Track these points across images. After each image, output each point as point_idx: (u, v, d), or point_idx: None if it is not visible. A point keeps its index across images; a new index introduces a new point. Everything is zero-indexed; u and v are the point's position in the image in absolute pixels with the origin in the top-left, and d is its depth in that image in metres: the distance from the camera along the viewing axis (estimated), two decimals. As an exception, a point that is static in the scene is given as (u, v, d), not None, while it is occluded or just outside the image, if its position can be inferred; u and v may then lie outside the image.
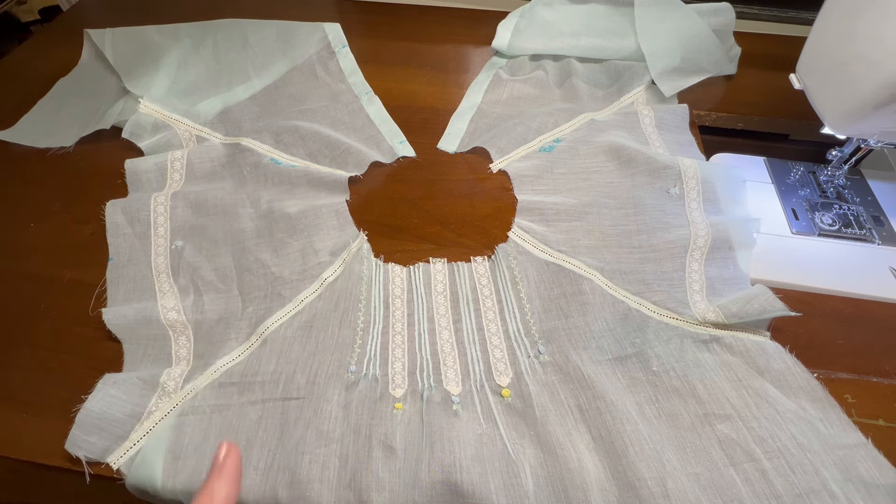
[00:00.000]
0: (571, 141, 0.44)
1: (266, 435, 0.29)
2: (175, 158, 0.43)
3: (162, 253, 0.37)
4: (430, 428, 0.29)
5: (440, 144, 0.46)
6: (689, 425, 0.28)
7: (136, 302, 0.35)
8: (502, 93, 0.51)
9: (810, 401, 0.28)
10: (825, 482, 0.26)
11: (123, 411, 0.29)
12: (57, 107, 0.49)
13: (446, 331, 0.33)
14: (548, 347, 0.32)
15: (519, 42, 0.53)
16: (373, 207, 0.41)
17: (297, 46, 0.54)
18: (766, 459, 0.27)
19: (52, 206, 0.42)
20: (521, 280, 0.35)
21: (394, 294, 0.35)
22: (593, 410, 0.29)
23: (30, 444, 0.29)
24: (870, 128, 0.35)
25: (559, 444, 0.28)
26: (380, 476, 0.27)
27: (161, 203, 0.39)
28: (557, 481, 0.27)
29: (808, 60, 0.38)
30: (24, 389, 0.32)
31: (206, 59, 0.53)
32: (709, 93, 0.50)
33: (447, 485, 0.27)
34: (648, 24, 0.50)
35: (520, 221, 0.39)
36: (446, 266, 0.36)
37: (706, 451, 0.27)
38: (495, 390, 0.30)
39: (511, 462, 0.27)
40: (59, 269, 0.37)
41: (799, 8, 0.56)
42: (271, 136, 0.44)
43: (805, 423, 0.28)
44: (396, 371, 0.31)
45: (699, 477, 0.26)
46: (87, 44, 0.54)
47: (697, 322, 0.32)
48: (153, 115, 0.47)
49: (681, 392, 0.29)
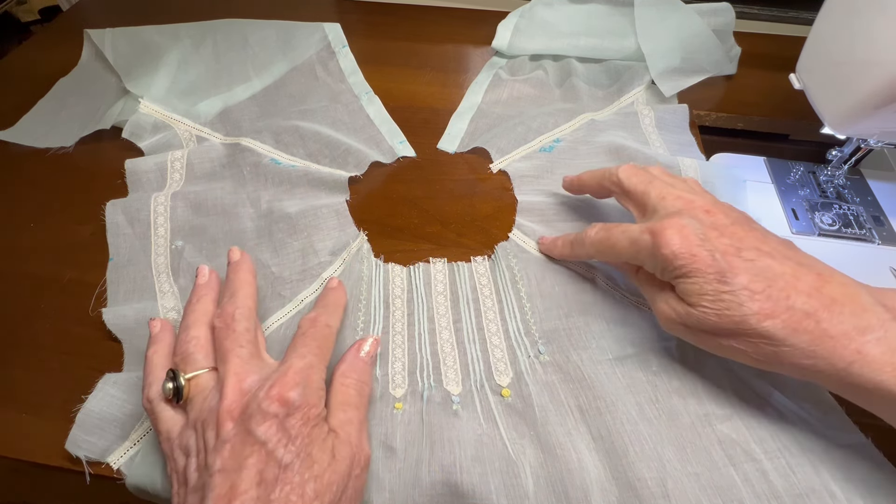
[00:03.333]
0: (571, 141, 0.44)
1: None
2: (175, 158, 0.43)
3: (162, 253, 0.37)
4: (430, 428, 0.29)
5: (440, 145, 0.46)
6: (689, 425, 0.28)
7: (136, 302, 0.35)
8: (502, 93, 0.51)
9: (811, 402, 0.28)
10: (825, 483, 0.26)
11: (124, 411, 0.29)
12: (57, 107, 0.49)
13: (446, 331, 0.33)
14: (548, 347, 0.32)
15: (519, 42, 0.53)
16: (372, 207, 0.41)
17: (297, 46, 0.54)
18: (767, 459, 0.27)
19: (52, 206, 0.42)
20: (521, 280, 0.35)
21: (394, 294, 0.35)
22: (593, 410, 0.29)
23: (30, 444, 0.29)
24: (870, 128, 0.35)
25: (559, 444, 0.28)
26: (380, 476, 0.27)
27: (161, 203, 0.39)
28: (557, 481, 0.27)
29: (808, 60, 0.38)
30: (24, 389, 0.32)
31: (206, 59, 0.53)
32: (709, 93, 0.50)
33: (447, 485, 0.27)
34: (648, 24, 0.51)
35: (521, 221, 0.39)
36: (446, 266, 0.36)
37: (706, 451, 0.27)
38: (495, 390, 0.30)
39: (511, 462, 0.27)
40: (59, 269, 0.37)
41: (799, 8, 0.56)
42: (271, 136, 0.45)
43: (806, 423, 0.28)
44: (396, 371, 0.31)
45: (699, 477, 0.26)
46: (86, 44, 0.54)
47: None
48: (153, 116, 0.47)
49: (681, 392, 0.29)
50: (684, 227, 0.25)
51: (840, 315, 0.23)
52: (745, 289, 0.23)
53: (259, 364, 0.25)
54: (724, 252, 0.24)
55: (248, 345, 0.26)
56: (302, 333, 0.27)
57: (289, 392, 0.23)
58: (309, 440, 0.23)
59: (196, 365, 0.25)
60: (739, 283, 0.23)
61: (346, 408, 0.25)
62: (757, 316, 0.23)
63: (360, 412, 0.26)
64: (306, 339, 0.26)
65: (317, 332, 0.27)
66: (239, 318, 0.27)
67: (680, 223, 0.25)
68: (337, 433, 0.24)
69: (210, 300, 0.29)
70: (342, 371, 0.27)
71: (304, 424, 0.23)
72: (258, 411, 0.22)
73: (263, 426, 0.22)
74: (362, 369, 0.28)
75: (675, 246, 0.25)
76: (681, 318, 0.26)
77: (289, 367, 0.24)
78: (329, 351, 0.27)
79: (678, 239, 0.25)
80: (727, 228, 0.26)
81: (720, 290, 0.24)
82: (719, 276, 0.24)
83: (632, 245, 0.27)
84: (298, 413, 0.23)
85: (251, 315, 0.28)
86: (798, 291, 0.23)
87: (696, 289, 0.24)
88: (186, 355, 0.26)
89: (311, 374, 0.24)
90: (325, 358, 0.26)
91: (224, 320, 0.27)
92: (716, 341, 0.25)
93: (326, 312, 0.29)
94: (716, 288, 0.24)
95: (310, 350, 0.26)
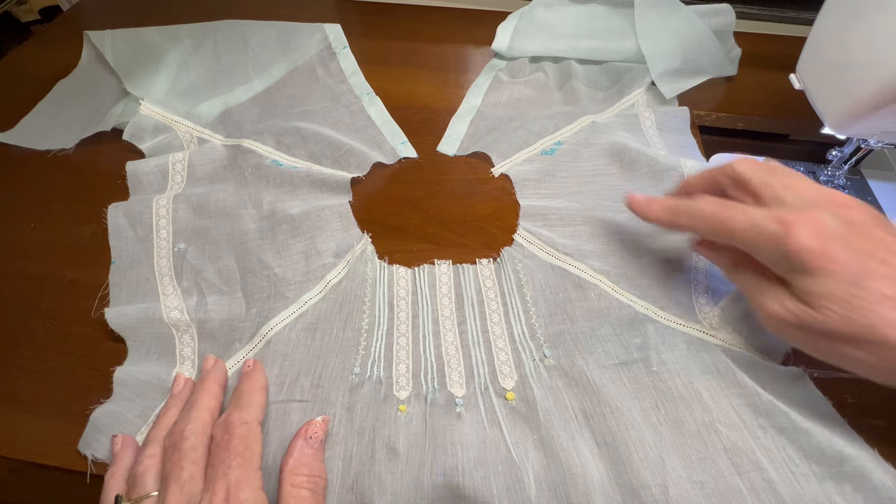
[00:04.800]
0: (573, 144, 0.44)
1: (269, 438, 0.29)
2: (176, 160, 0.42)
3: (164, 255, 0.37)
4: (433, 431, 0.29)
5: (440, 147, 0.46)
6: (695, 432, 0.28)
7: (139, 303, 0.35)
8: (502, 95, 0.50)
9: (816, 413, 0.28)
10: (829, 494, 0.25)
11: (133, 412, 0.29)
12: (57, 109, 0.49)
13: (451, 333, 0.33)
14: (553, 351, 0.32)
15: (518, 44, 0.53)
16: (373, 208, 0.41)
17: (297, 47, 0.54)
18: (773, 469, 0.26)
19: (52, 206, 0.42)
20: (526, 283, 0.35)
21: (398, 296, 0.35)
22: (598, 416, 0.29)
23: (30, 444, 0.29)
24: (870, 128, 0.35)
25: (563, 448, 0.28)
26: (382, 478, 0.27)
27: (163, 206, 0.39)
28: (560, 486, 0.27)
29: (808, 61, 0.38)
30: (24, 389, 0.32)
31: (207, 60, 0.53)
32: (709, 93, 0.50)
33: (449, 488, 0.27)
34: (648, 26, 0.51)
35: (524, 225, 0.38)
36: (451, 268, 0.36)
37: (712, 459, 0.27)
38: (500, 393, 0.30)
39: (514, 466, 0.27)
40: (59, 269, 0.37)
41: (799, 8, 0.56)
42: (272, 138, 0.44)
43: (810, 435, 0.27)
44: (401, 373, 0.31)
45: (704, 485, 0.26)
46: (86, 45, 0.54)
47: (704, 329, 0.32)
48: (154, 117, 0.47)
49: (686, 399, 0.29)
50: (821, 222, 0.23)
51: None
52: (880, 295, 0.22)
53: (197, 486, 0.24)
54: (862, 254, 0.23)
55: (191, 465, 0.24)
56: (216, 445, 0.25)
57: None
58: None
59: (144, 488, 0.24)
60: (875, 289, 0.22)
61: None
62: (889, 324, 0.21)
63: None
64: (223, 452, 0.24)
65: (232, 440, 0.24)
66: (188, 436, 0.25)
67: (816, 216, 0.24)
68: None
69: (178, 411, 0.28)
70: (290, 468, 0.25)
71: None
72: None
73: None
74: (311, 460, 0.26)
75: (808, 240, 0.23)
76: (795, 318, 0.24)
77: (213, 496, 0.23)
78: (255, 452, 0.25)
79: (813, 233, 0.23)
80: (867, 228, 0.24)
81: (852, 293, 0.22)
82: (854, 279, 0.22)
83: (752, 229, 0.25)
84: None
85: (204, 430, 0.26)
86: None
87: (824, 290, 0.23)
88: (136, 477, 0.25)
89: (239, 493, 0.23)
90: (251, 462, 0.24)
91: (172, 439, 0.25)
92: (832, 346, 0.24)
93: (239, 408, 0.26)
94: (847, 291, 0.22)
95: (231, 464, 0.24)
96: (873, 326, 0.22)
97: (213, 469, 0.24)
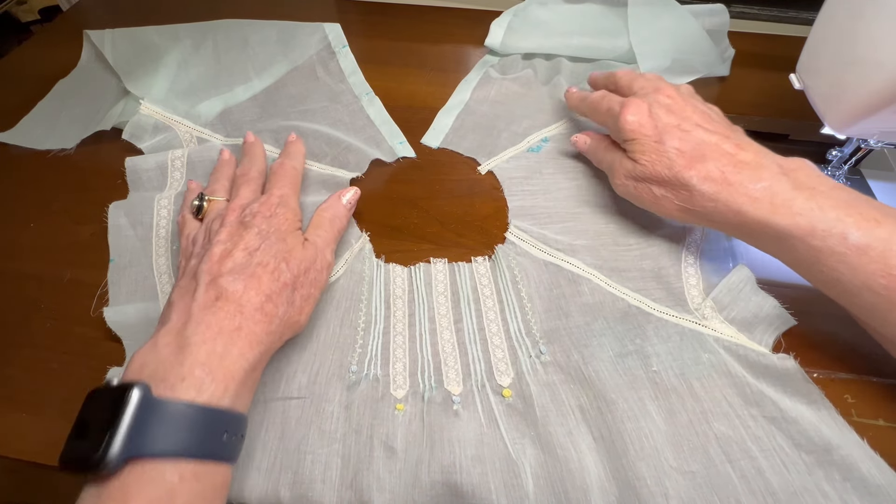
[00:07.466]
0: (559, 140, 0.44)
1: (268, 435, 0.29)
2: (175, 157, 0.43)
3: (163, 254, 0.37)
4: (430, 429, 0.29)
5: (424, 139, 0.46)
6: (687, 423, 0.28)
7: (137, 302, 0.35)
8: (490, 91, 0.50)
9: (807, 403, 0.28)
10: (818, 482, 0.26)
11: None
12: (57, 108, 0.49)
13: (447, 331, 0.33)
14: (549, 347, 0.32)
15: (512, 41, 0.53)
16: (372, 208, 0.41)
17: (297, 47, 0.54)
18: (763, 457, 0.27)
19: (52, 206, 0.42)
20: (521, 280, 0.35)
21: (395, 294, 0.35)
22: (594, 410, 0.29)
23: (30, 444, 0.29)
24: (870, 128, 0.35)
25: (560, 444, 0.28)
26: (381, 476, 0.27)
27: (164, 207, 0.39)
28: (558, 482, 0.27)
29: (808, 60, 0.38)
30: (23, 389, 0.32)
31: (206, 59, 0.53)
32: (708, 93, 0.50)
33: (447, 485, 0.27)
34: (642, 24, 0.50)
35: (515, 223, 0.39)
36: (447, 266, 0.36)
37: (703, 449, 0.27)
38: (496, 390, 0.30)
39: (511, 462, 0.27)
40: (59, 269, 0.37)
41: (799, 8, 0.56)
42: (272, 137, 0.45)
43: (801, 423, 0.27)
44: (398, 371, 0.31)
45: (696, 475, 0.26)
46: (86, 45, 0.54)
47: (696, 319, 0.32)
48: (154, 117, 0.47)
49: (678, 390, 0.29)
50: (641, 104, 0.33)
51: (742, 172, 0.30)
52: (675, 149, 0.31)
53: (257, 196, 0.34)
54: (665, 124, 0.32)
55: (253, 183, 0.35)
56: (273, 173, 0.36)
57: (273, 205, 0.32)
58: (285, 232, 0.31)
59: (216, 195, 0.36)
60: (671, 145, 0.32)
61: (318, 229, 0.34)
62: (680, 167, 0.31)
63: (329, 234, 0.34)
64: (279, 178, 0.35)
65: (285, 173, 0.36)
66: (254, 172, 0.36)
67: (638, 102, 0.34)
68: (308, 239, 0.32)
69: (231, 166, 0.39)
70: (322, 207, 0.36)
71: (283, 222, 0.32)
72: (251, 213, 0.31)
73: (254, 219, 0.31)
74: (338, 207, 0.36)
75: (630, 116, 0.33)
76: (628, 171, 0.34)
77: (271, 194, 0.33)
78: (297, 187, 0.36)
79: (635, 112, 0.33)
80: (678, 109, 0.33)
81: (657, 149, 0.32)
82: (657, 139, 0.32)
83: (608, 112, 0.36)
84: (280, 216, 0.32)
85: (263, 170, 0.38)
86: (716, 153, 0.31)
87: (640, 148, 0.33)
88: (213, 192, 0.36)
89: (287, 199, 0.33)
90: (296, 191, 0.35)
91: (243, 170, 0.37)
92: (650, 190, 0.33)
93: (290, 158, 0.38)
94: (654, 147, 0.32)
95: (284, 185, 0.35)
96: (671, 169, 0.31)
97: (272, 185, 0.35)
